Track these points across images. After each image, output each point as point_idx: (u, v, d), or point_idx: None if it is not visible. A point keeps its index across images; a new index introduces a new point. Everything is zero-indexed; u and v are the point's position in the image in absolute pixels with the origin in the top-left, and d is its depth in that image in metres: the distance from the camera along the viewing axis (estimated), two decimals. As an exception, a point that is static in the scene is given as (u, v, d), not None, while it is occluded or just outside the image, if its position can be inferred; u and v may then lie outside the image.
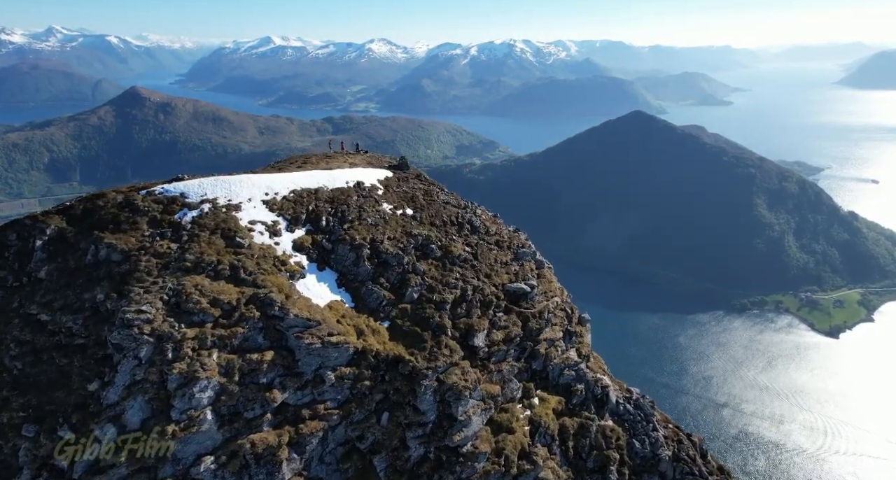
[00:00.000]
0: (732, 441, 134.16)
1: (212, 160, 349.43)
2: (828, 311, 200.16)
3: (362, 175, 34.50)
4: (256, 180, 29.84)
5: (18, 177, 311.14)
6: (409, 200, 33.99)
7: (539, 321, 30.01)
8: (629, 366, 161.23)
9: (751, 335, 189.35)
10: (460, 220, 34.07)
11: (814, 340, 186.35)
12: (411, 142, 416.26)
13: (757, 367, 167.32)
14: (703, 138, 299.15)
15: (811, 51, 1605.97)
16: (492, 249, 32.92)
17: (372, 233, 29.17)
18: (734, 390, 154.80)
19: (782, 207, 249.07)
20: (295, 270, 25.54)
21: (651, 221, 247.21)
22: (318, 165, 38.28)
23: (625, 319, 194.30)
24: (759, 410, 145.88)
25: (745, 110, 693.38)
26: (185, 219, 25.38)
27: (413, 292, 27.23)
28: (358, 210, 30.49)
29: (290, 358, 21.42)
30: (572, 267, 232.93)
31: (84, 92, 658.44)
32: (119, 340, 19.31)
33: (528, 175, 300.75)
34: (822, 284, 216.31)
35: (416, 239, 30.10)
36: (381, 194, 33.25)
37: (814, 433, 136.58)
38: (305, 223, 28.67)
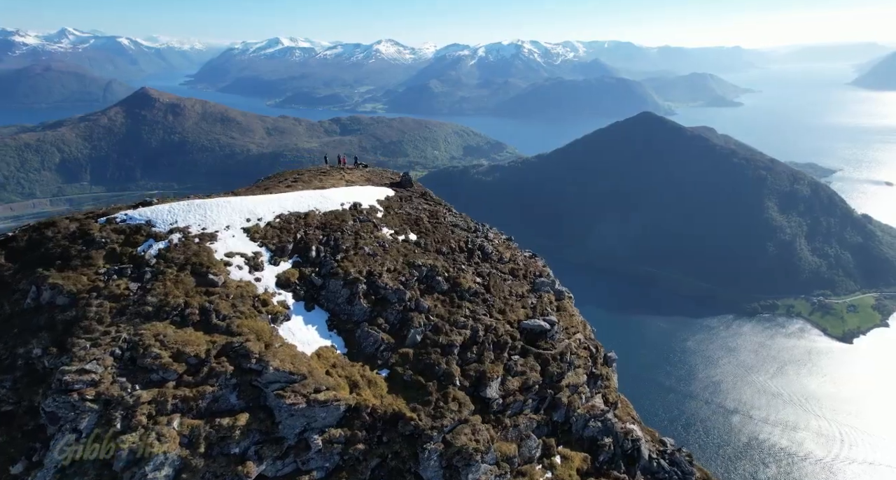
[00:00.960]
0: (743, 448, 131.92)
1: (220, 160, 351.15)
2: (841, 316, 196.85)
3: (360, 194, 31.48)
4: (237, 204, 26.53)
5: (30, 177, 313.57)
6: (413, 223, 30.73)
7: (560, 364, 26.46)
8: (636, 370, 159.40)
9: (761, 339, 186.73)
10: (470, 246, 30.78)
11: (826, 345, 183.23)
12: (418, 143, 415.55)
13: (767, 373, 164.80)
14: (713, 139, 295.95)
15: (823, 51, 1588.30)
16: (506, 279, 29.59)
17: (369, 265, 25.79)
18: (744, 396, 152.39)
19: (794, 210, 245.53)
20: (278, 312, 22.23)
21: (659, 223, 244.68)
22: (310, 184, 34.83)
23: (632, 322, 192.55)
24: (770, 416, 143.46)
25: (756, 111, 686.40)
26: (149, 253, 22.02)
27: (416, 334, 23.96)
28: (354, 237, 27.20)
29: (268, 420, 17.97)
30: (579, 269, 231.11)
31: (95, 93, 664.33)
32: (54, 408, 15.84)
33: (536, 176, 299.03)
34: (835, 288, 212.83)
35: (419, 270, 26.74)
36: (380, 217, 30.06)
37: (827, 441, 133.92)
38: (292, 254, 25.37)
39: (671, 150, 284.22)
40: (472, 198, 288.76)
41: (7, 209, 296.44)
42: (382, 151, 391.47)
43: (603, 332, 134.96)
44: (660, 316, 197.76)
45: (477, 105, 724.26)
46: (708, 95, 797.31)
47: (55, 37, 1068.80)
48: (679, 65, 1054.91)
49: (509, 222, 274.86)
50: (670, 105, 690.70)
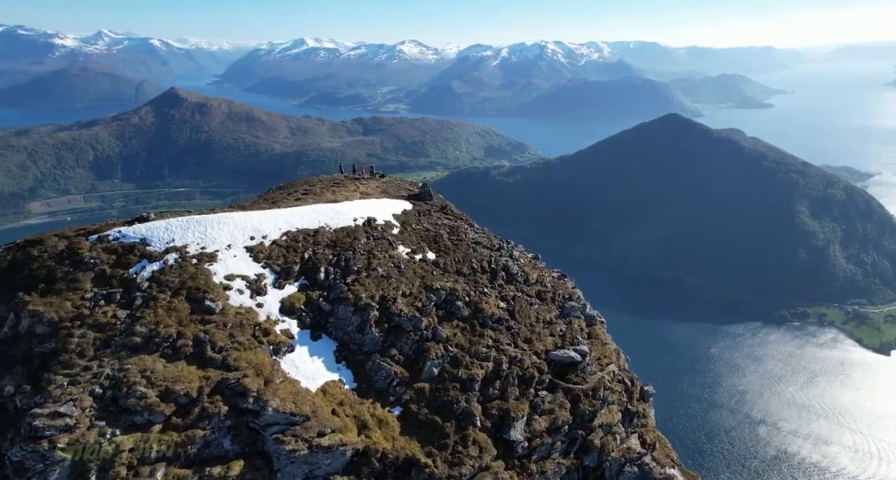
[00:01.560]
0: (771, 461, 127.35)
1: (245, 159, 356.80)
2: (878, 326, 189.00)
3: (374, 209, 29.57)
4: (240, 220, 24.69)
5: (66, 174, 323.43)
6: (432, 241, 28.59)
7: (592, 401, 24.09)
8: (659, 377, 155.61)
9: (790, 349, 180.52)
10: (494, 266, 28.55)
11: (862, 356, 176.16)
12: (440, 144, 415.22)
13: (797, 383, 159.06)
14: (741, 142, 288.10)
15: (862, 49, 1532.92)
16: (532, 303, 27.37)
17: (382, 288, 23.78)
18: (771, 407, 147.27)
19: (828, 215, 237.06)
20: (280, 342, 20.40)
21: (685, 228, 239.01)
22: (321, 196, 32.60)
23: (656, 327, 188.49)
24: (800, 429, 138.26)
25: (788, 113, 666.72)
26: (141, 276, 20.27)
27: (433, 367, 22.04)
28: (367, 257, 25.20)
29: (266, 468, 16.31)
30: (602, 272, 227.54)
31: (128, 93, 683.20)
32: (21, 457, 14.13)
33: (558, 178, 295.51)
34: (871, 297, 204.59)
35: (438, 294, 24.70)
36: (396, 234, 28.02)
37: (863, 457, 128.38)
38: (299, 276, 23.45)
39: (698, 153, 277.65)
40: (494, 200, 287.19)
41: (44, 205, 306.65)
42: (404, 151, 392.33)
43: (625, 337, 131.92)
44: (684, 321, 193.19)
45: (499, 106, 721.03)
46: (737, 97, 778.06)
47: (91, 39, 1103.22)
48: (707, 65, 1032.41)
49: (530, 224, 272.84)
50: (697, 106, 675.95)
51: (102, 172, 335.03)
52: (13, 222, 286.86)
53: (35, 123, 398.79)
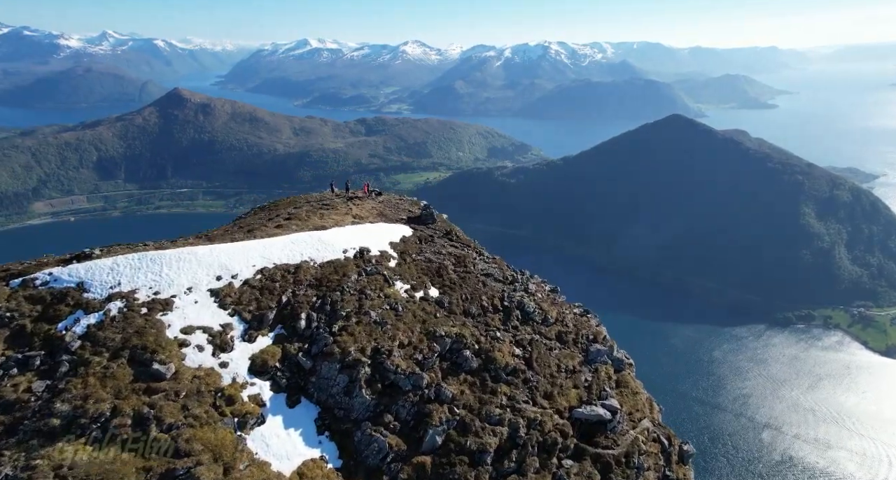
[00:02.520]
0: (775, 465, 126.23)
1: (248, 159, 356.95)
2: (884, 329, 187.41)
3: (368, 236, 25.81)
4: (205, 256, 20.71)
5: (69, 174, 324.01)
6: (435, 275, 24.93)
7: (626, 470, 20.60)
8: (663, 380, 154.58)
9: (795, 352, 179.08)
10: (507, 303, 24.95)
11: (867, 359, 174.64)
12: (443, 144, 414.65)
13: (801, 387, 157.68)
14: (746, 143, 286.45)
15: (866, 50, 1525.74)
16: (552, 348, 24.04)
17: (376, 338, 20.14)
18: (776, 410, 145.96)
19: (833, 216, 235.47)
20: (248, 412, 16.67)
21: (689, 229, 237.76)
22: (307, 221, 28.38)
23: (658, 329, 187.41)
24: (805, 433, 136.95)
25: (792, 114, 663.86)
26: (72, 332, 16.45)
27: (436, 435, 18.62)
28: (357, 297, 21.49)
29: None
30: (605, 274, 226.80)
31: (132, 93, 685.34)
32: None
33: (561, 179, 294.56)
34: (877, 300, 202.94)
35: (442, 342, 21.18)
36: (393, 267, 24.30)
37: (870, 461, 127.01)
38: (274, 325, 19.68)
39: (702, 154, 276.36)
40: (496, 200, 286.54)
41: (47, 205, 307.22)
42: (407, 152, 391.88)
43: (628, 340, 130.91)
44: (687, 323, 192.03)
45: (502, 106, 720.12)
46: (740, 97, 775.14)
47: (96, 39, 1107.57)
48: (710, 66, 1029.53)
49: (533, 224, 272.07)
50: (700, 107, 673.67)
51: (106, 173, 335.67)
52: (17, 222, 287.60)
53: (39, 124, 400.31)
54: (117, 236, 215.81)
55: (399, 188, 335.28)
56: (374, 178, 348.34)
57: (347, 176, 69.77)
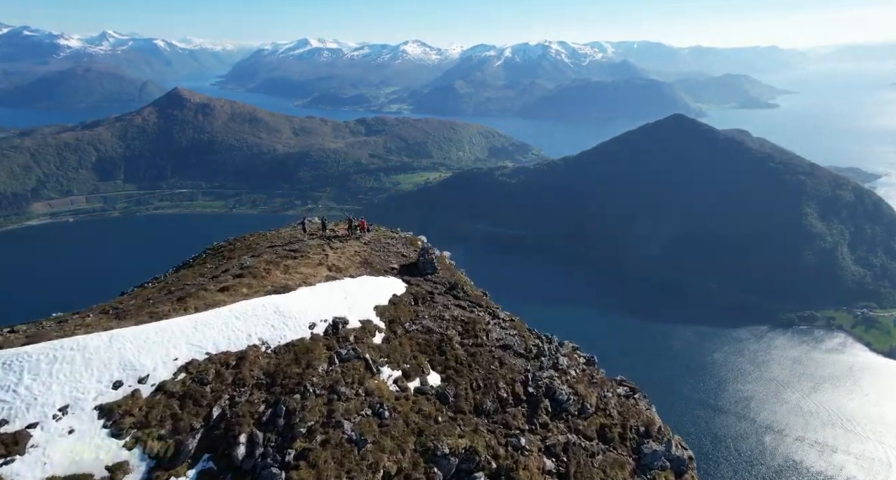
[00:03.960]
0: (777, 468, 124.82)
1: (247, 160, 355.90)
2: (887, 330, 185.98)
3: (347, 299, 20.17)
4: (99, 349, 14.40)
5: (69, 175, 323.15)
6: (435, 351, 19.52)
7: None
8: (664, 381, 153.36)
9: (797, 354, 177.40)
10: (533, 390, 19.33)
11: (870, 361, 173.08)
12: (443, 144, 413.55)
13: (803, 389, 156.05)
14: (748, 143, 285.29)
15: (867, 50, 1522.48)
16: (594, 453, 18.45)
17: (349, 469, 13.94)
18: (778, 413, 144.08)
19: (835, 217, 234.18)
20: None
21: (690, 230, 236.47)
22: (266, 278, 21.74)
23: (660, 331, 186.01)
24: (807, 436, 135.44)
25: (793, 113, 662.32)
26: None
27: None
28: (326, 400, 15.52)
29: None
30: (606, 275, 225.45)
31: (131, 93, 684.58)
32: None
33: (562, 179, 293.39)
34: (880, 301, 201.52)
35: (445, 465, 15.25)
36: (379, 344, 18.74)
37: (873, 464, 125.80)
38: (198, 456, 13.34)
39: (703, 154, 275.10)
40: (497, 201, 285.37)
41: (46, 206, 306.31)
42: (407, 152, 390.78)
43: (630, 341, 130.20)
44: (688, 324, 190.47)
45: (502, 106, 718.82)
46: (741, 97, 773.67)
47: (96, 39, 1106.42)
48: (711, 65, 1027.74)
49: (534, 225, 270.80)
50: (701, 107, 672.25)
51: (105, 173, 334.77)
52: (16, 223, 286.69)
53: (38, 124, 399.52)
54: (117, 237, 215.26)
55: (399, 188, 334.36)
56: (374, 178, 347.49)
57: (346, 177, 63.16)
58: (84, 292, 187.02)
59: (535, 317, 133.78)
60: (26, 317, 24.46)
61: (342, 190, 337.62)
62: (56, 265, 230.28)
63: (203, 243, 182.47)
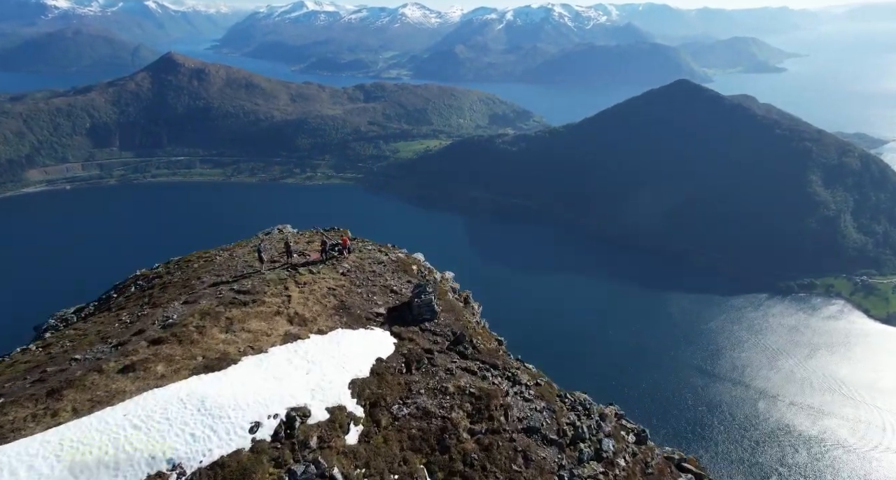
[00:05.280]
0: (771, 432, 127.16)
1: (244, 127, 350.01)
2: (886, 296, 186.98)
3: (310, 373, 14.82)
4: None
5: (63, 141, 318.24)
6: (435, 447, 14.46)
7: None
8: (662, 349, 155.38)
9: (794, 321, 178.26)
10: None
11: (867, 328, 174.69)
12: (443, 111, 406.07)
13: (799, 355, 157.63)
14: (754, 109, 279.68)
15: (880, 10, 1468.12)
16: None
17: None
18: (772, 380, 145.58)
19: (840, 184, 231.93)
20: None
21: (693, 198, 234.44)
22: (198, 343, 16.07)
23: (659, 299, 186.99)
24: (800, 401, 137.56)
25: (801, 78, 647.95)
26: None
27: None
28: None
29: None
30: (608, 244, 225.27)
31: (123, 57, 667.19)
32: None
33: (564, 147, 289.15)
34: (881, 267, 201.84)
35: None
36: (353, 447, 13.53)
37: (864, 428, 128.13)
38: None
39: (708, 121, 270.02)
40: (498, 169, 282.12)
41: (42, 173, 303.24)
42: (406, 119, 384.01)
43: (630, 309, 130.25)
44: (688, 293, 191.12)
45: (503, 71, 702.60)
46: (748, 61, 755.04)
47: (85, 0, 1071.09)
48: (719, 28, 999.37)
49: (535, 194, 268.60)
50: (707, 71, 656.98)
51: (100, 140, 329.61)
52: (12, 190, 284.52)
53: (28, 88, 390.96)
54: (115, 205, 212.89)
55: (399, 156, 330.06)
56: (374, 146, 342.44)
57: (345, 145, 50.92)
58: (84, 268, 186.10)
59: (536, 286, 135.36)
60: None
61: (341, 158, 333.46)
62: (57, 235, 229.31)
63: (202, 214, 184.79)
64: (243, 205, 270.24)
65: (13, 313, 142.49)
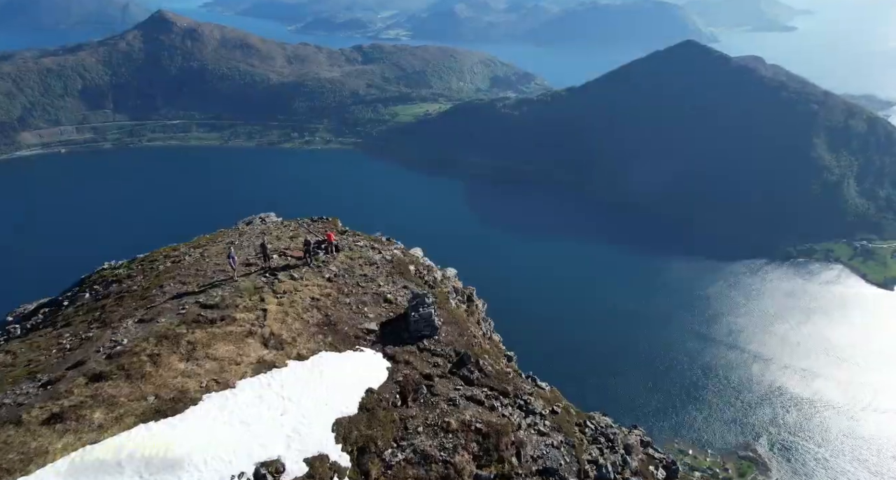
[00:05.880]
0: (764, 394, 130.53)
1: (240, 89, 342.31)
2: (884, 261, 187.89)
3: (285, 415, 12.66)
4: None
5: (55, 103, 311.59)
6: None
7: None
8: (660, 313, 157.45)
9: (791, 286, 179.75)
10: None
11: (864, 292, 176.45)
12: (443, 74, 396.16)
13: (794, 320, 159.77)
14: (761, 71, 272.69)
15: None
16: None
17: None
18: (767, 344, 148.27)
19: (845, 148, 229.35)
20: None
21: (698, 163, 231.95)
22: (148, 379, 13.42)
23: (658, 265, 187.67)
24: (793, 364, 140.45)
25: (811, 36, 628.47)
26: None
27: None
28: None
29: None
30: (610, 209, 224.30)
31: (113, 14, 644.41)
32: None
33: (566, 111, 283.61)
34: (881, 232, 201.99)
35: None
36: None
37: (852, 389, 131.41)
38: None
39: (715, 83, 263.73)
40: (499, 134, 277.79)
41: (36, 136, 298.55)
42: (405, 82, 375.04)
43: (629, 275, 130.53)
44: (687, 258, 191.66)
45: (505, 31, 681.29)
46: (757, 19, 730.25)
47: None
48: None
49: (537, 159, 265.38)
50: (713, 30, 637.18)
51: (93, 102, 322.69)
52: (6, 153, 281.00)
53: (16, 47, 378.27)
54: (113, 171, 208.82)
55: (398, 120, 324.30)
56: (372, 110, 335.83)
57: (343, 108, 46.50)
58: (67, 242, 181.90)
59: (536, 253, 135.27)
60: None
61: (339, 122, 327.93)
62: (47, 205, 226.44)
63: (200, 178, 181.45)
64: (241, 171, 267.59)
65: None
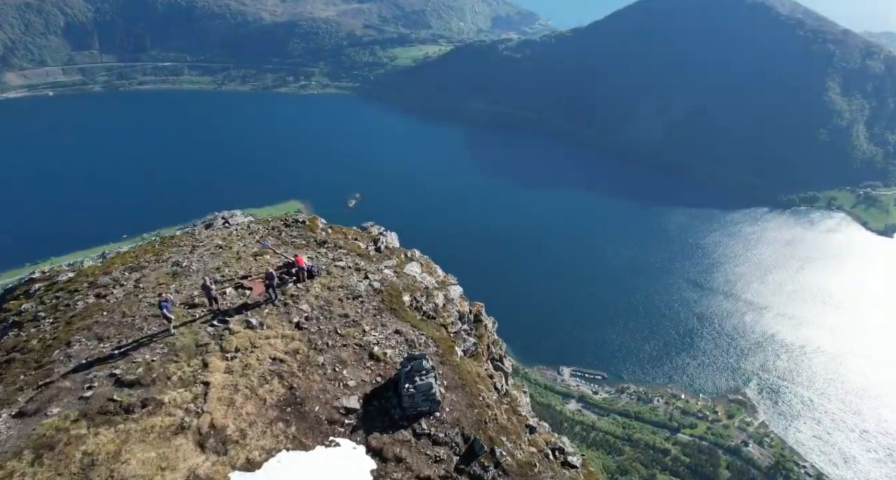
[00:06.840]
0: (757, 341, 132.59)
1: (232, 29, 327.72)
2: (886, 208, 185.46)
3: None
4: None
5: (38, 42, 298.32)
6: None
7: None
8: (658, 262, 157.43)
9: (791, 235, 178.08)
10: None
11: (863, 239, 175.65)
12: (443, 13, 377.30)
13: (791, 269, 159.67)
14: (777, 8, 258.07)
15: None
16: None
17: None
18: (762, 293, 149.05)
19: (859, 91, 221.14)
20: None
21: (702, 107, 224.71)
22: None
23: (658, 213, 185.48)
24: (786, 312, 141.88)
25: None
26: None
27: None
28: None
29: None
30: (612, 157, 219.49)
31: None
32: None
33: (570, 53, 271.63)
34: (886, 179, 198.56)
35: None
36: None
37: (842, 334, 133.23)
38: None
39: (728, 23, 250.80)
40: (500, 78, 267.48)
41: (21, 76, 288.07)
42: (404, 22, 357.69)
43: (628, 224, 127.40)
44: (687, 207, 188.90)
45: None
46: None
47: None
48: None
49: (539, 105, 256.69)
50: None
51: (78, 41, 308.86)
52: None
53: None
54: (105, 115, 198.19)
55: (396, 63, 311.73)
56: (370, 52, 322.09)
57: (340, 51, 38.91)
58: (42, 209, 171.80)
59: (535, 202, 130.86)
60: None
61: (336, 66, 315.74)
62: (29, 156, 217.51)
63: (195, 126, 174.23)
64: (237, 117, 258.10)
65: None
